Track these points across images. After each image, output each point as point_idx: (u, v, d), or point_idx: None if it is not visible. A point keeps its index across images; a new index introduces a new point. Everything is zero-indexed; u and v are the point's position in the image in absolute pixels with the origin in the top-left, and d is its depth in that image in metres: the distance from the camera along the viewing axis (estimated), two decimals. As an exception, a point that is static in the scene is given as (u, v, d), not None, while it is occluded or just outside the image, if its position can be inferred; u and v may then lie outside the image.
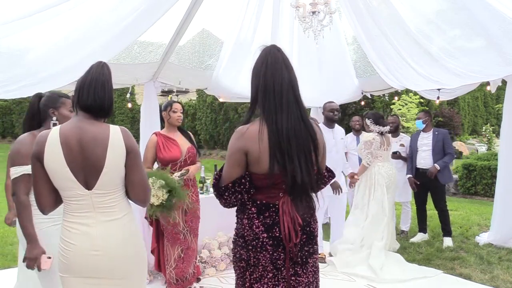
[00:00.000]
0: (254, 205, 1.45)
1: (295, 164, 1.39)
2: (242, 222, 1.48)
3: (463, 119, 15.79)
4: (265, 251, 1.42)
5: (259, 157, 1.40)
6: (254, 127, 1.43)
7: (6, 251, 4.37)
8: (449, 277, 3.38)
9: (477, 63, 3.64)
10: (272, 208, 1.44)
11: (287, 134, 1.40)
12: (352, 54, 5.05)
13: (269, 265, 1.42)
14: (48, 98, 2.07)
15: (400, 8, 3.55)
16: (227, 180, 1.45)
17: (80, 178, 1.45)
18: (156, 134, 3.04)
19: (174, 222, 2.93)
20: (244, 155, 1.42)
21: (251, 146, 1.40)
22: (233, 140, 1.45)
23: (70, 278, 1.49)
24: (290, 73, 1.47)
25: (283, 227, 1.41)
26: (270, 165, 1.39)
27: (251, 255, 1.44)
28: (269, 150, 1.39)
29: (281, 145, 1.39)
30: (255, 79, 1.49)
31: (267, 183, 1.43)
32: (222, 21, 4.27)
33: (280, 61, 1.46)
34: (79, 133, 1.46)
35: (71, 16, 2.90)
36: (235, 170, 1.44)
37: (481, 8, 3.15)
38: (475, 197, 7.44)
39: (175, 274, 2.93)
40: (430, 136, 4.36)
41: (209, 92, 4.93)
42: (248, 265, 1.45)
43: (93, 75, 1.52)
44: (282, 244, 1.42)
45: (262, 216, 1.44)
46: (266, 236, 1.42)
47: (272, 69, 1.45)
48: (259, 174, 1.43)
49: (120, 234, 1.50)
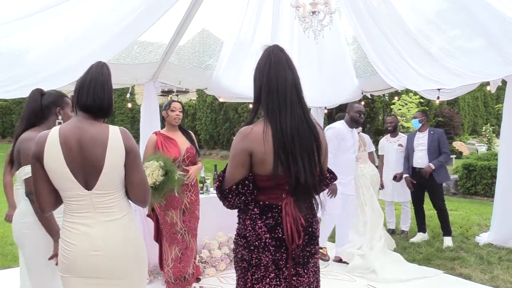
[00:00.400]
0: (257, 206, 1.45)
1: (299, 164, 1.39)
2: (244, 223, 1.47)
3: (463, 119, 15.79)
4: (267, 251, 1.42)
5: (264, 158, 1.39)
6: (258, 128, 1.42)
7: (6, 251, 4.37)
8: (449, 277, 3.38)
9: (477, 63, 3.64)
10: (275, 209, 1.43)
11: (291, 134, 1.39)
12: (352, 54, 5.05)
13: (271, 266, 1.42)
14: (54, 96, 2.05)
15: (400, 8, 3.55)
16: (230, 182, 1.44)
17: (79, 179, 1.45)
18: (156, 133, 3.05)
19: (171, 222, 2.93)
20: (248, 156, 1.41)
21: (256, 147, 1.39)
22: (237, 141, 1.44)
23: (70, 278, 1.49)
24: (293, 73, 1.46)
25: (286, 228, 1.41)
26: (274, 166, 1.38)
27: (253, 255, 1.43)
28: (273, 151, 1.38)
29: (285, 146, 1.38)
30: (258, 78, 1.48)
31: (271, 184, 1.42)
32: (222, 21, 4.28)
33: (283, 61, 1.46)
34: (78, 133, 1.46)
35: (71, 16, 2.90)
36: (239, 172, 1.43)
37: (481, 8, 3.15)
38: (475, 197, 7.44)
39: (173, 273, 2.93)
40: (426, 136, 4.37)
41: (209, 92, 4.93)
42: (249, 266, 1.45)
43: (93, 75, 1.52)
44: (285, 244, 1.42)
45: (265, 217, 1.43)
46: (269, 236, 1.42)
47: (275, 69, 1.44)
48: (262, 175, 1.42)
49: (120, 234, 1.50)
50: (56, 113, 2.04)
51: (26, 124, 1.98)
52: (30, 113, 2.00)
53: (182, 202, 2.98)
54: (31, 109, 2.01)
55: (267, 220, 1.43)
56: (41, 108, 2.01)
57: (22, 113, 2.03)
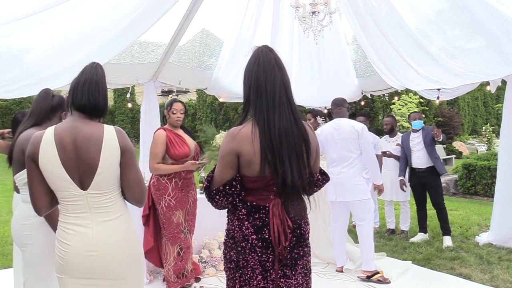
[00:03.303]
0: (245, 207, 1.44)
1: (286, 165, 1.37)
2: (232, 223, 1.47)
3: (463, 119, 15.80)
4: (254, 252, 1.41)
5: (252, 159, 1.38)
6: (246, 129, 1.41)
7: (6, 251, 4.37)
8: (449, 277, 3.38)
9: (477, 63, 3.65)
10: (263, 210, 1.42)
11: (279, 134, 1.38)
12: (352, 54, 5.05)
13: (257, 267, 1.40)
14: (61, 100, 2.08)
15: (400, 8, 3.55)
16: (218, 182, 1.44)
17: (75, 179, 1.44)
18: (164, 129, 2.98)
19: (178, 222, 2.94)
20: (236, 157, 1.40)
21: (244, 148, 1.39)
22: (225, 142, 1.43)
23: (66, 279, 1.49)
24: (282, 73, 1.45)
25: (272, 229, 1.40)
26: (261, 167, 1.37)
27: (240, 256, 1.43)
28: (260, 152, 1.37)
29: (273, 146, 1.37)
30: (247, 79, 1.47)
31: (258, 185, 1.41)
32: (222, 21, 4.28)
33: (272, 61, 1.45)
34: (73, 133, 1.46)
35: (71, 16, 2.90)
36: (226, 172, 1.42)
37: (481, 8, 3.15)
38: (475, 197, 7.44)
39: (173, 271, 2.95)
40: (421, 136, 4.39)
41: (209, 92, 4.93)
42: (237, 267, 1.44)
43: (87, 75, 1.53)
44: (271, 246, 1.41)
45: (252, 217, 1.42)
46: (255, 237, 1.41)
47: (264, 69, 1.43)
48: (250, 176, 1.41)
49: (116, 234, 1.49)
50: (61, 117, 2.05)
51: (34, 122, 1.99)
52: (40, 112, 2.01)
53: (188, 202, 3.00)
54: (41, 108, 2.02)
55: (254, 221, 1.42)
56: (46, 109, 2.02)
57: (31, 110, 2.04)
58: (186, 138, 3.05)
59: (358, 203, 3.31)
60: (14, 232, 2.01)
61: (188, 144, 3.00)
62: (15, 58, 3.07)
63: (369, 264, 3.27)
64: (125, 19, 3.05)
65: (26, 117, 2.05)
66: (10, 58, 3.03)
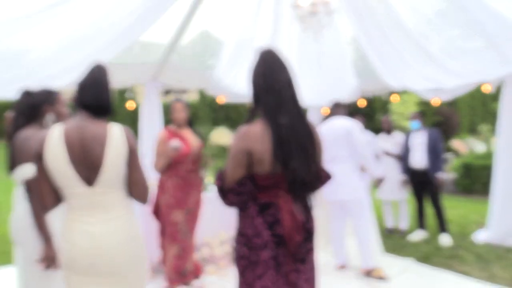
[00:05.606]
0: (256, 204, 1.48)
1: (296, 162, 1.42)
2: (244, 221, 1.50)
3: (462, 118, 15.83)
4: (267, 248, 1.44)
5: (262, 157, 1.42)
6: (256, 127, 1.45)
7: (8, 249, 4.37)
8: (447, 274, 3.41)
9: (477, 63, 3.66)
10: (274, 207, 1.46)
11: (287, 132, 1.43)
12: (352, 54, 5.06)
13: (270, 262, 1.44)
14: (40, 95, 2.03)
15: (399, 8, 3.56)
16: (230, 181, 1.47)
17: (81, 177, 1.47)
18: (166, 129, 3.07)
19: (175, 221, 2.95)
20: (247, 155, 1.44)
21: (254, 147, 1.42)
22: (236, 141, 1.46)
23: (71, 276, 1.51)
24: (288, 73, 1.52)
25: (284, 225, 1.44)
26: (272, 165, 1.41)
27: (253, 252, 1.46)
28: (271, 150, 1.41)
29: (283, 144, 1.41)
30: (255, 79, 1.52)
31: (269, 183, 1.45)
32: (222, 22, 4.28)
33: (278, 62, 1.52)
34: (80, 131, 1.49)
35: (71, 16, 2.91)
36: (238, 171, 1.45)
37: (481, 8, 3.17)
38: (473, 196, 7.47)
39: (173, 269, 2.97)
40: (423, 135, 4.38)
41: (209, 92, 4.94)
42: (250, 263, 1.47)
43: (93, 75, 1.58)
44: (283, 241, 1.44)
45: (264, 214, 1.46)
46: (268, 234, 1.45)
47: (272, 69, 1.49)
48: (261, 174, 1.44)
49: (120, 232, 1.51)
50: (46, 111, 2.02)
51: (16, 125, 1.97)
52: (19, 114, 1.99)
53: (188, 203, 3.01)
54: (19, 110, 2.00)
55: (266, 217, 1.46)
56: (29, 108, 2.00)
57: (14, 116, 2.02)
58: (190, 138, 3.04)
59: (352, 200, 3.32)
60: (14, 230, 2.02)
61: (190, 144, 3.01)
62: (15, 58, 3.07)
63: (367, 261, 3.29)
64: (125, 19, 3.06)
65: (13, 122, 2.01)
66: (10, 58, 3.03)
